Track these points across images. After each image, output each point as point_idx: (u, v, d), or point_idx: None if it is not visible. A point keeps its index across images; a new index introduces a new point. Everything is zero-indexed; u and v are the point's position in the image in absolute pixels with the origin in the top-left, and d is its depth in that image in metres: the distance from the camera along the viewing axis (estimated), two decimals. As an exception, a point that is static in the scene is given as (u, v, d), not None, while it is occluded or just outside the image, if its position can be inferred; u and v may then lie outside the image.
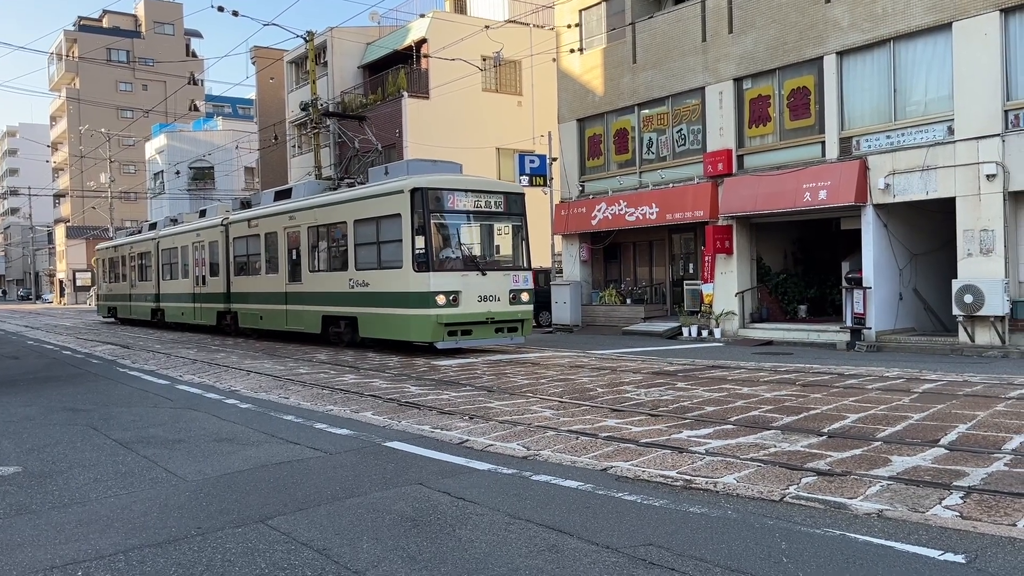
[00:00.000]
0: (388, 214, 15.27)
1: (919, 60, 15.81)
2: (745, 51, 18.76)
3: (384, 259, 15.54)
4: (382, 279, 15.47)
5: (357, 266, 16.26)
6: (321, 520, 4.86)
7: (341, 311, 16.92)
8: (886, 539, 4.27)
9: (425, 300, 14.47)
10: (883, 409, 8.19)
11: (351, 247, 16.46)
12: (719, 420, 7.79)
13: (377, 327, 15.82)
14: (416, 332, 14.83)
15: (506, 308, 15.34)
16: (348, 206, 16.68)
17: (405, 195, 14.74)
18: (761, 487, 5.33)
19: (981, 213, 14.65)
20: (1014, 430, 6.91)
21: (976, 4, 14.68)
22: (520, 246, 16.08)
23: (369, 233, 16.03)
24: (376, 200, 15.73)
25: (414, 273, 14.59)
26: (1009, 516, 4.56)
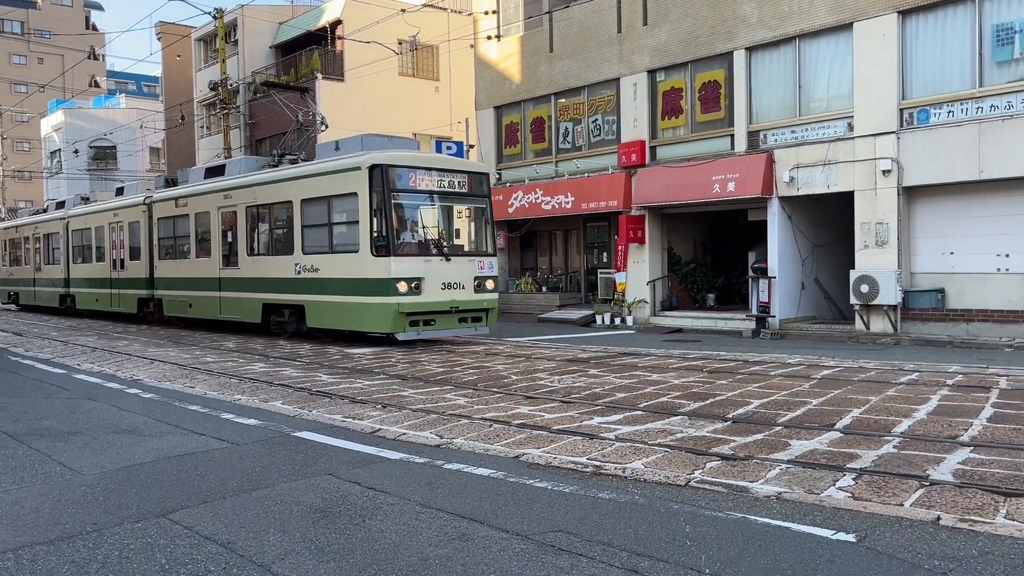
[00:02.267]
0: (342, 193, 14.13)
1: (822, 58, 16.41)
2: (659, 43, 19.10)
3: (337, 242, 14.49)
4: (335, 264, 14.36)
5: (305, 250, 15.09)
6: (226, 513, 4.74)
7: (285, 299, 15.73)
8: (784, 520, 4.44)
9: (385, 287, 13.39)
10: (784, 395, 8.51)
11: (297, 229, 15.26)
12: (629, 406, 7.94)
13: (328, 316, 14.72)
14: (374, 322, 13.76)
15: (471, 296, 14.37)
16: (294, 184, 15.41)
17: (363, 172, 13.60)
18: (668, 472, 5.46)
19: (877, 207, 15.35)
20: (903, 414, 7.28)
21: (876, 5, 15.31)
22: (484, 230, 15.10)
23: (319, 214, 14.84)
24: (328, 178, 14.50)
25: (372, 258, 13.47)
26: (897, 496, 4.80)
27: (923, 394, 8.35)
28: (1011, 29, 13.86)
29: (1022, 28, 13.77)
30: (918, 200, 15.30)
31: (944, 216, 15.07)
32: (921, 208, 15.30)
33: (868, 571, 3.72)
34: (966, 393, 8.38)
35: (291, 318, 15.81)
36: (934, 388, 8.72)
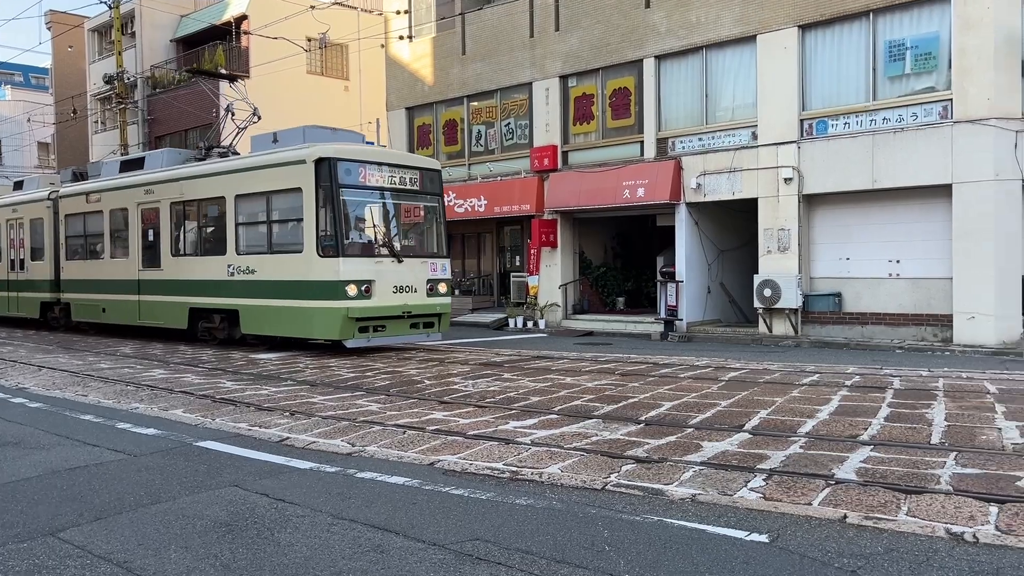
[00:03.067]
0: (284, 188, 13.17)
1: (728, 68, 16.89)
2: (571, 49, 19.27)
3: (277, 242, 13.57)
4: (275, 265, 13.35)
5: (240, 250, 14.01)
6: (122, 530, 4.45)
7: (216, 303, 14.53)
8: (699, 523, 4.48)
9: (333, 290, 12.49)
10: (694, 397, 8.66)
11: (231, 227, 14.13)
12: (544, 410, 7.92)
13: (267, 322, 13.60)
14: (321, 328, 12.79)
15: (423, 300, 13.58)
16: (228, 179, 14.25)
17: (308, 166, 12.67)
18: (584, 476, 5.45)
19: (779, 214, 15.89)
20: (807, 414, 7.51)
21: (777, 19, 15.86)
22: (437, 229, 14.34)
23: (257, 211, 13.90)
24: (268, 172, 13.46)
25: (319, 258, 12.58)
26: (805, 496, 4.92)
27: (824, 395, 8.64)
28: (902, 46, 14.57)
29: (913, 45, 14.50)
30: (818, 207, 15.91)
31: (842, 223, 15.71)
32: (820, 215, 15.91)
33: (781, 571, 3.78)
34: (864, 393, 8.72)
35: (222, 324, 14.73)
36: (834, 389, 9.04)
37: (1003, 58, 13.48)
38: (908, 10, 14.52)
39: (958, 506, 4.63)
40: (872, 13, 14.79)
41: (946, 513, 4.52)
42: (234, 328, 14.46)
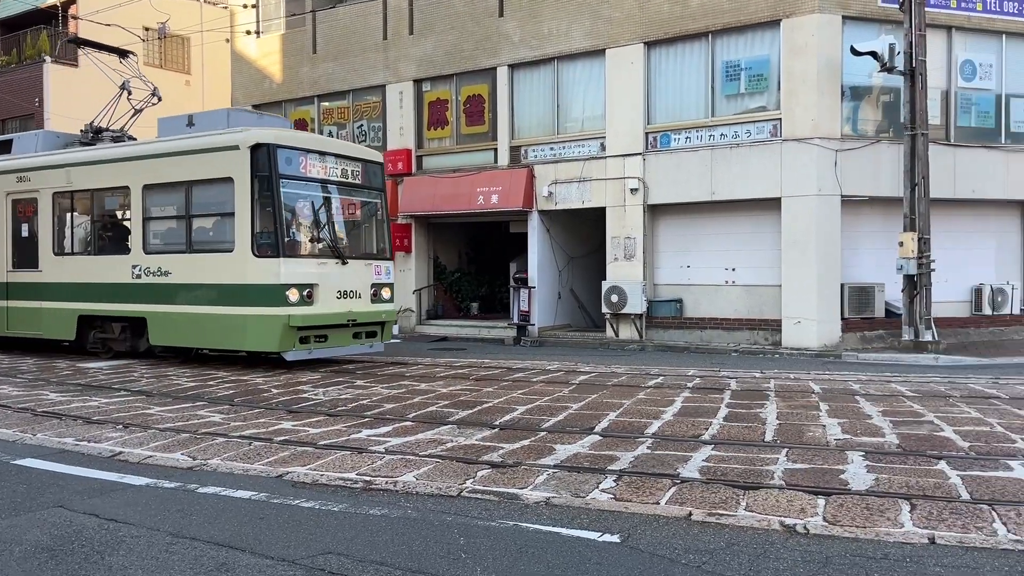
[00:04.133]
0: (210, 178, 11.64)
1: (578, 80, 17.37)
2: (425, 54, 19.21)
3: (200, 239, 12.01)
4: (197, 267, 11.78)
5: (148, 248, 12.34)
6: (-76, 562, 3.99)
7: (116, 309, 12.67)
8: (554, 525, 4.54)
9: (272, 295, 11.05)
10: (547, 400, 8.81)
11: (137, 222, 12.44)
12: (398, 417, 7.81)
13: (184, 332, 11.97)
14: (256, 339, 11.31)
15: (368, 307, 12.28)
16: (135, 166, 12.49)
17: (242, 153, 11.18)
18: (440, 483, 5.40)
19: (626, 222, 16.49)
20: (653, 416, 7.80)
21: (625, 35, 16.47)
22: (381, 229, 13.19)
23: (173, 203, 12.28)
24: (189, 159, 11.85)
25: (255, 259, 11.14)
26: (654, 495, 5.09)
27: (668, 396, 9.01)
28: (738, 66, 15.50)
29: (747, 66, 15.45)
30: (661, 217, 16.62)
31: (683, 233, 16.50)
32: (664, 225, 16.64)
33: (632, 571, 3.88)
34: (704, 395, 9.17)
35: (124, 334, 12.87)
36: (677, 391, 9.45)
37: (825, 83, 14.61)
38: (743, 33, 15.46)
39: (790, 500, 4.93)
40: (711, 34, 15.64)
41: (780, 507, 4.80)
42: (138, 339, 12.73)
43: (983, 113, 15.89)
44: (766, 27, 15.19)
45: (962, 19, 15.38)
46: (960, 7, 15.31)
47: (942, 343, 13.88)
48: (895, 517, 4.57)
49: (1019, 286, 16.50)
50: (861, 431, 6.98)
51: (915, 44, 13.88)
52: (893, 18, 14.56)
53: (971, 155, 15.52)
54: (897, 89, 14.77)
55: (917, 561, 3.93)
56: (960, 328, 15.61)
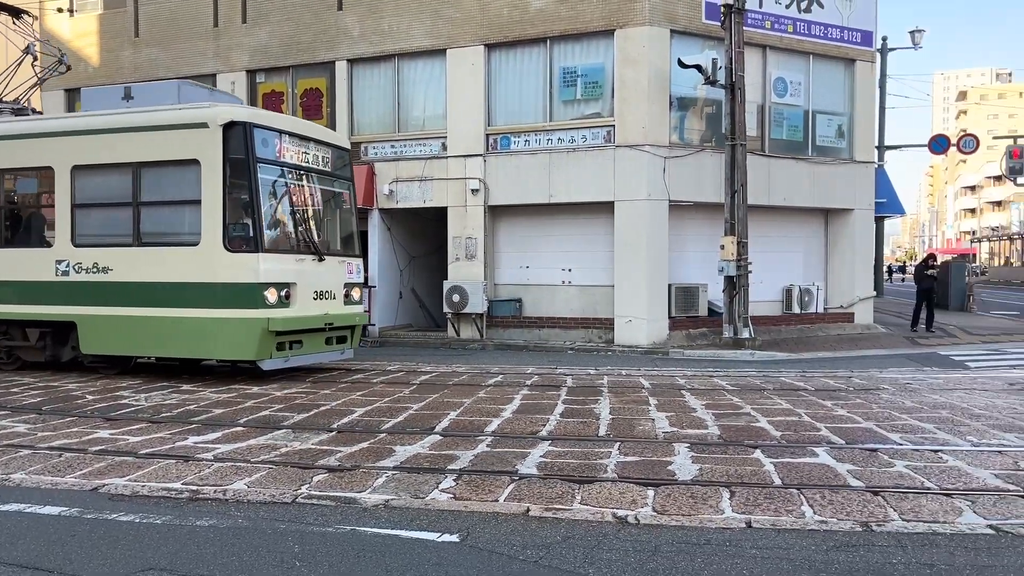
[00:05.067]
0: (167, 160, 10.20)
1: (420, 79, 17.29)
2: (259, 44, 18.47)
3: (151, 230, 10.43)
4: (148, 262, 10.22)
5: (78, 240, 10.63)
6: None
7: (32, 312, 10.84)
8: (392, 528, 4.48)
9: (248, 295, 9.75)
10: (387, 402, 8.69)
11: (64, 210, 10.69)
12: (228, 423, 7.45)
13: (128, 338, 10.35)
14: (227, 345, 9.93)
15: (342, 309, 11.18)
16: (60, 143, 10.73)
17: (212, 132, 9.83)
18: (273, 490, 5.20)
19: (467, 223, 16.59)
20: (493, 414, 7.88)
21: (466, 36, 16.56)
22: (350, 222, 12.03)
23: (114, 188, 10.62)
24: (139, 137, 10.29)
25: (227, 253, 9.78)
26: (493, 493, 5.14)
27: (508, 395, 9.14)
28: (575, 73, 15.98)
29: (583, 73, 15.95)
30: (502, 218, 16.85)
31: (523, 234, 16.80)
32: (504, 225, 16.88)
33: (471, 570, 3.89)
34: (542, 392, 9.37)
35: (42, 341, 11.06)
36: (516, 389, 9.61)
37: (655, 93, 15.34)
38: (579, 41, 15.95)
39: (622, 492, 5.13)
40: (549, 40, 16.02)
41: (613, 499, 4.98)
42: (60, 347, 11.05)
43: (793, 127, 17.23)
44: (601, 36, 15.75)
45: (775, 39, 16.61)
46: (774, 28, 16.53)
47: (758, 340, 14.91)
48: (717, 504, 4.85)
49: (823, 287, 18.05)
50: (687, 424, 7.36)
51: (734, 60, 14.83)
52: (716, 35, 15.50)
53: (783, 166, 16.79)
54: (719, 102, 15.74)
55: (736, 545, 4.18)
56: (773, 326, 16.86)
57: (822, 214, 18.11)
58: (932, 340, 16.40)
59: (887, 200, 23.78)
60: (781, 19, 16.62)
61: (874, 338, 16.81)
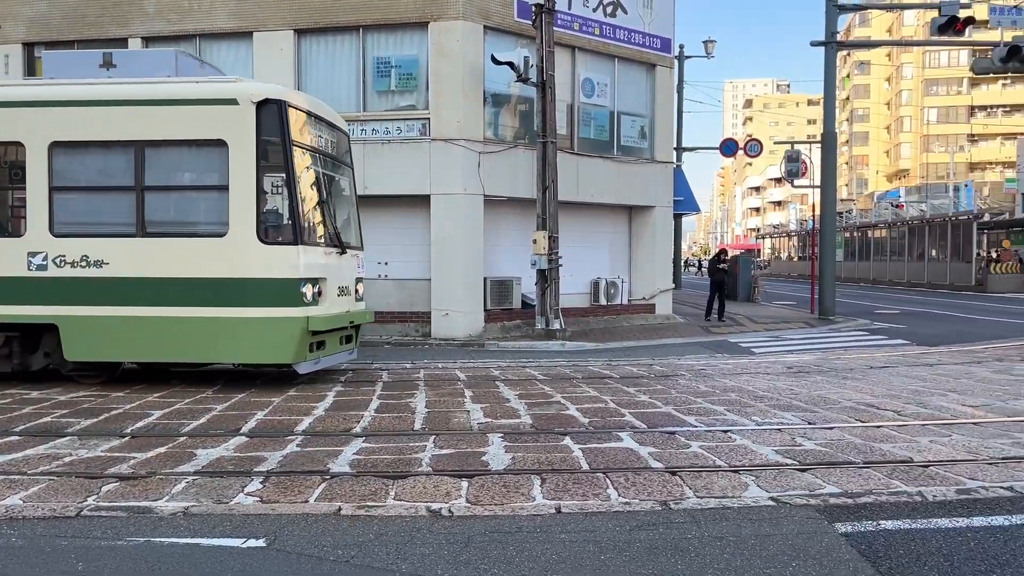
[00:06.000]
0: (183, 139, 8.97)
1: (224, 62, 16.35)
2: (39, 14, 16.79)
3: (158, 219, 9.16)
4: (156, 255, 8.93)
5: (59, 229, 9.04)
6: None
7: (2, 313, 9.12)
8: (192, 537, 4.20)
9: (285, 292, 8.74)
10: (188, 403, 8.18)
11: (41, 193, 9.04)
12: (2, 431, 6.71)
13: (128, 342, 8.94)
14: (262, 348, 8.85)
15: (357, 307, 10.37)
16: (33, 115, 9.14)
17: (243, 109, 8.72)
18: (55, 504, 4.73)
19: (277, 214, 15.95)
20: (304, 412, 7.62)
21: (274, 20, 15.91)
22: (354, 212, 11.07)
23: (108, 169, 9.26)
24: (145, 111, 8.98)
25: (261, 246, 8.73)
26: (303, 494, 4.96)
27: (320, 391, 8.88)
28: (389, 64, 15.79)
29: (397, 64, 15.80)
30: (313, 210, 16.35)
31: (335, 226, 16.39)
32: (315, 217, 16.39)
33: (278, 574, 3.73)
34: (356, 388, 9.19)
35: (7, 347, 9.33)
36: (329, 385, 9.35)
37: (470, 88, 15.47)
38: (394, 32, 15.78)
39: (436, 485, 5.12)
40: (362, 29, 15.73)
41: (427, 493, 4.95)
42: (30, 354, 9.38)
43: (600, 127, 18.01)
44: (415, 28, 15.66)
45: (584, 41, 17.27)
46: (582, 30, 17.17)
47: (568, 331, 15.47)
48: (528, 492, 4.96)
49: (628, 280, 19.02)
50: (501, 414, 7.49)
51: (545, 59, 15.25)
52: (528, 33, 15.87)
53: (591, 164, 17.50)
54: (532, 100, 16.13)
55: (546, 531, 4.29)
56: (582, 317, 17.55)
57: (626, 211, 19.06)
58: (723, 329, 17.73)
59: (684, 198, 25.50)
60: (589, 22, 17.29)
61: (673, 327, 17.92)
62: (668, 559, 3.88)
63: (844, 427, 6.87)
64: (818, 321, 19.21)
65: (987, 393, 8.68)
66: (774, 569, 3.75)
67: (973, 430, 6.74)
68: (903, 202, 53.33)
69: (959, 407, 7.83)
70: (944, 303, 26.16)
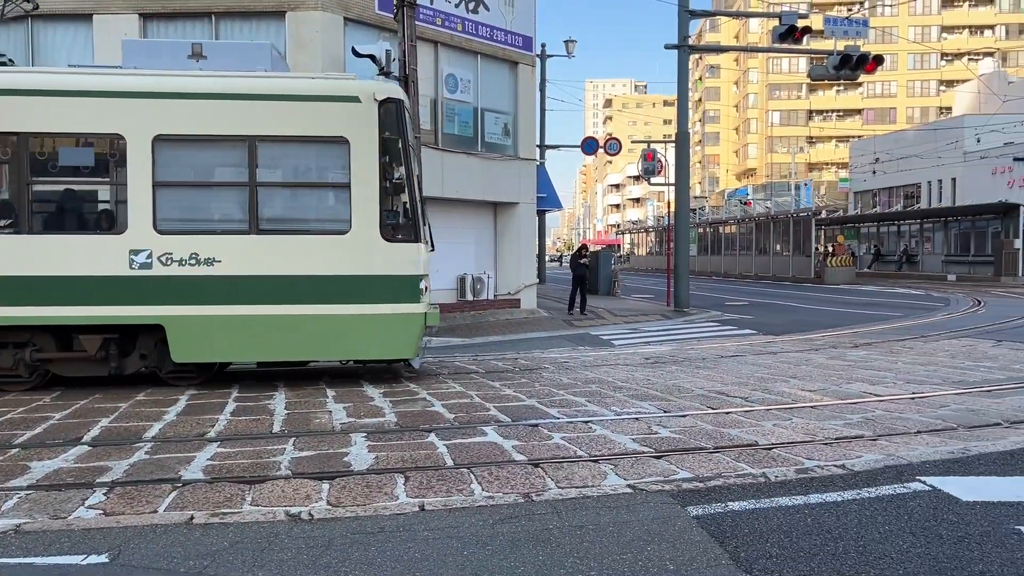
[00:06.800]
0: (300, 135, 8.78)
1: (60, 45, 15.29)
2: None
3: (273, 215, 8.94)
4: (272, 252, 8.73)
5: (163, 226, 8.57)
6: None
7: (90, 315, 8.51)
8: (26, 556, 3.90)
9: (408, 289, 8.94)
10: (23, 411, 7.58)
11: (144, 188, 8.52)
12: None
13: (243, 342, 8.69)
14: (386, 344, 8.97)
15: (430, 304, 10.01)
16: (134, 105, 8.59)
17: (367, 107, 8.75)
18: None
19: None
20: (154, 418, 7.23)
21: (117, 3, 14.98)
22: None
23: (216, 165, 9.07)
24: (259, 106, 8.71)
25: (384, 243, 8.82)
26: (151, 504, 4.70)
27: (170, 395, 8.45)
28: (244, 53, 15.18)
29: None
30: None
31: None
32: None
33: (124, 590, 3.52)
34: (212, 390, 8.80)
35: (104, 350, 8.77)
36: (183, 389, 8.91)
37: (330, 80, 15.10)
38: (248, 20, 15.20)
39: (296, 488, 4.98)
40: (214, 16, 15.06)
41: (286, 497, 4.81)
42: (124, 357, 8.93)
43: (464, 123, 18.05)
44: (272, 17, 15.15)
45: (447, 36, 17.25)
46: (445, 26, 17.15)
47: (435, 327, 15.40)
48: (391, 491, 4.90)
49: (494, 275, 19.18)
50: (364, 413, 7.37)
51: (408, 53, 15.08)
52: (390, 26, 15.67)
53: (456, 160, 17.52)
54: (394, 93, 15.95)
55: (409, 529, 4.26)
56: (449, 312, 17.53)
57: (491, 207, 19.21)
58: (585, 322, 18.20)
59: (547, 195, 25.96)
60: (451, 17, 17.29)
61: (537, 321, 18.23)
62: (530, 550, 3.94)
63: (697, 414, 7.20)
64: (674, 313, 20.05)
65: (823, 378, 9.33)
66: (630, 554, 3.88)
67: (811, 413, 7.23)
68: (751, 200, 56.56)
69: (799, 392, 8.37)
70: (787, 294, 27.93)
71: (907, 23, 77.45)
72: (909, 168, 50.19)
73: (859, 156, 57.37)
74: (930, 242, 41.79)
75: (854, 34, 19.63)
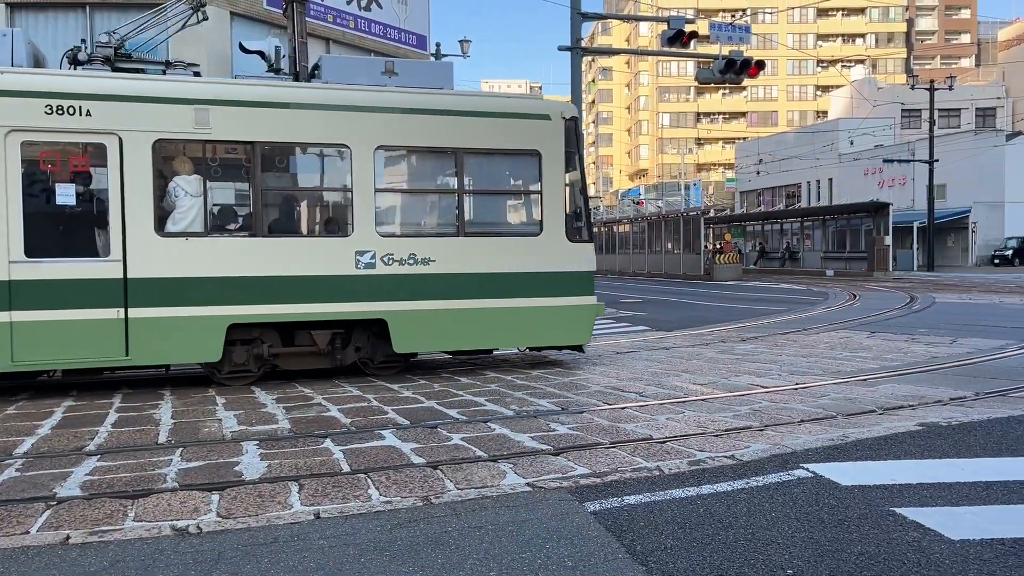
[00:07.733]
0: (500, 148, 9.88)
1: (-83, 34, 14.24)
2: None
3: (476, 219, 10.06)
4: (476, 252, 9.75)
5: (383, 229, 9.46)
6: None
7: (322, 312, 9.18)
8: None
9: (586, 284, 10.27)
10: None
11: (367, 194, 9.29)
12: None
13: (449, 333, 9.66)
14: (567, 332, 10.23)
15: None
16: (359, 119, 9.29)
17: (555, 124, 9.96)
18: None
19: None
20: (25, 432, 6.79)
21: (-18, -10, 14.06)
22: None
23: (426, 174, 10.29)
24: (463, 122, 9.63)
25: (569, 244, 10.09)
26: (23, 524, 4.40)
27: (45, 407, 7.96)
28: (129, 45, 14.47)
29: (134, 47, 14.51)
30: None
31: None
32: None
33: (-9, 620, 3.28)
34: (91, 401, 8.34)
35: (332, 344, 9.55)
36: (58, 401, 8.41)
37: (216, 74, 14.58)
38: (126, 12, 14.47)
39: (183, 501, 4.76)
40: (89, 7, 14.32)
41: (172, 510, 4.60)
42: (344, 349, 9.65)
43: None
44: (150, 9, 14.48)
45: (339, 34, 16.94)
46: (336, 23, 16.84)
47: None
48: (285, 500, 4.76)
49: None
50: (256, 420, 7.14)
51: (298, 50, 14.73)
52: (279, 22, 15.27)
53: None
54: (285, 91, 15.56)
55: (304, 538, 4.14)
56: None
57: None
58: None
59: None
60: (343, 14, 17.00)
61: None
62: (429, 554, 3.89)
63: (594, 410, 7.31)
64: (571, 311, 20.30)
65: (713, 372, 9.65)
66: (530, 553, 3.89)
67: (702, 406, 7.46)
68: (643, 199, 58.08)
69: (691, 386, 8.63)
70: (679, 291, 28.80)
71: (786, 30, 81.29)
72: (790, 169, 52.72)
73: (744, 157, 59.82)
74: (810, 239, 44.00)
75: (738, 40, 20.43)
